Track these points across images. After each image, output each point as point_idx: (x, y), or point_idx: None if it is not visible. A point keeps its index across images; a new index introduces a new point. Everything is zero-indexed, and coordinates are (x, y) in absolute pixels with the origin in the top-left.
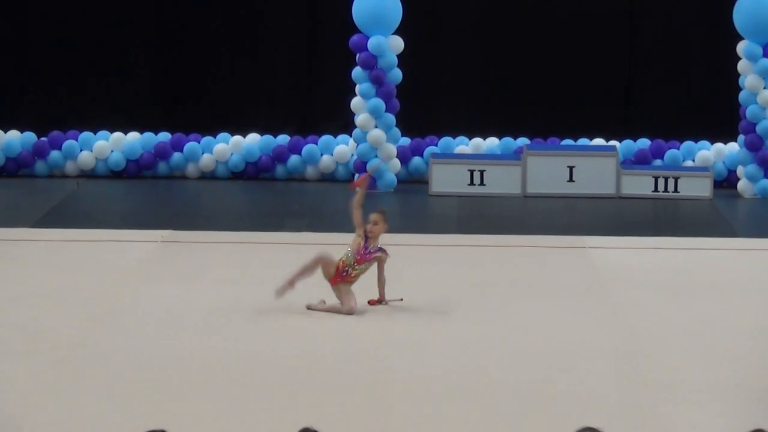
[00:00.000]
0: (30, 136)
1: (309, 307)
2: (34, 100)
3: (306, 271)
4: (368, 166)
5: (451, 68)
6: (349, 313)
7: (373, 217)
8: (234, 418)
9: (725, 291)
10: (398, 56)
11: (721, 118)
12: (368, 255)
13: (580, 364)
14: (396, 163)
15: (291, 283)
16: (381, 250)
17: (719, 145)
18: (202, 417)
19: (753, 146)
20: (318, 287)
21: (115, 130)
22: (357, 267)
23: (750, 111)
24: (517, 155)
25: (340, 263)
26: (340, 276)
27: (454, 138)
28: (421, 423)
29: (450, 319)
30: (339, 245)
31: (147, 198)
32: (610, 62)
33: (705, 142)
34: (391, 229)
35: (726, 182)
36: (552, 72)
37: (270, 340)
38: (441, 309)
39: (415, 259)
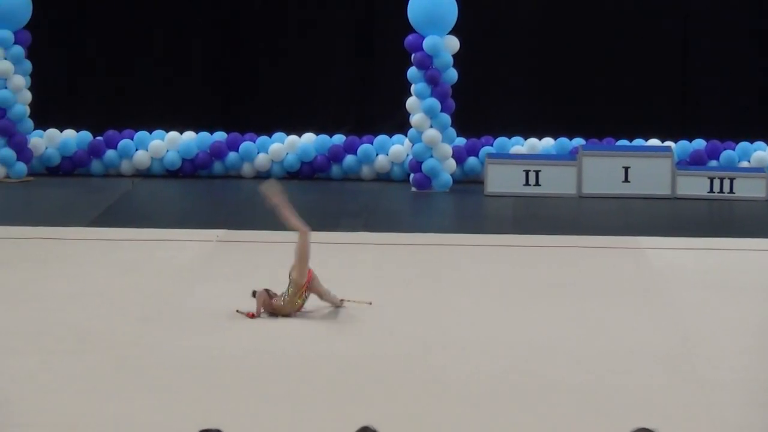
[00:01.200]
0: (86, 135)
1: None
2: (90, 100)
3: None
4: None
5: (507, 68)
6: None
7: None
8: (289, 417)
9: None
10: (454, 56)
11: None
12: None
13: (635, 365)
14: (452, 163)
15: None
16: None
17: None
18: (256, 416)
19: None
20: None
21: (171, 130)
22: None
23: None
24: (572, 155)
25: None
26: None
27: (509, 138)
28: (476, 424)
29: (504, 319)
30: (394, 245)
31: (202, 198)
32: (666, 62)
33: (761, 143)
34: (447, 229)
35: None
36: (608, 72)
37: (322, 340)
38: (495, 309)
39: (469, 259)
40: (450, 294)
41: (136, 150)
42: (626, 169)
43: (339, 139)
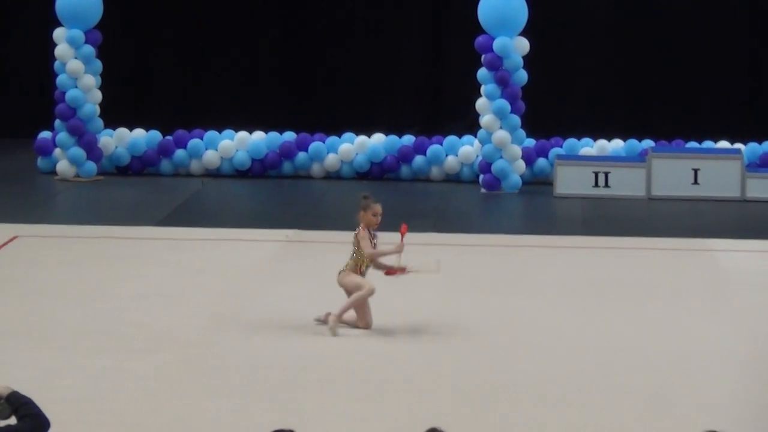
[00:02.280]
0: (155, 135)
1: (318, 320)
2: (160, 99)
3: (354, 303)
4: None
5: (577, 70)
6: (371, 291)
7: (377, 209)
8: (359, 417)
9: None
10: (524, 57)
11: None
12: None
13: (705, 368)
14: (521, 165)
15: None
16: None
17: None
18: (325, 416)
19: None
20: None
21: (241, 130)
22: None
23: None
24: (641, 157)
25: (358, 270)
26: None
27: (579, 139)
28: (549, 425)
29: (574, 321)
30: (463, 246)
31: (272, 197)
32: (735, 64)
33: None
34: (516, 230)
35: None
36: (677, 74)
37: (390, 341)
38: (565, 311)
39: (539, 260)
40: (519, 295)
41: (206, 150)
42: (696, 171)
43: (408, 139)
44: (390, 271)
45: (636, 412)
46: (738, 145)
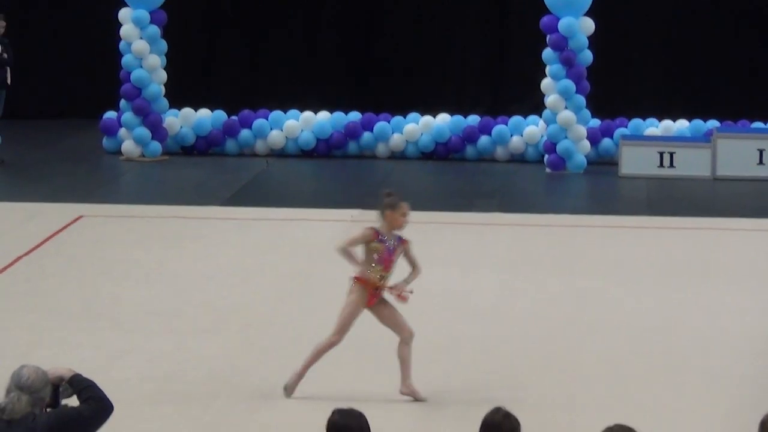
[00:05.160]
0: (220, 115)
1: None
2: (225, 79)
3: (318, 356)
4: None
5: (642, 50)
6: (410, 338)
7: (405, 207)
8: (427, 394)
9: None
10: (589, 38)
11: None
12: (393, 253)
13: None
14: (586, 145)
15: (300, 376)
16: (400, 239)
17: None
18: (391, 394)
19: None
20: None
21: (306, 110)
22: (386, 274)
23: None
24: (707, 137)
25: (370, 288)
26: (375, 296)
27: (644, 120)
28: (605, 403)
29: (638, 301)
30: (528, 226)
31: (337, 177)
32: None
33: None
34: (581, 210)
35: None
36: (743, 53)
37: (451, 321)
38: (629, 291)
39: (604, 240)
40: (583, 275)
41: (271, 130)
42: (761, 151)
43: (474, 119)
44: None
45: (698, 391)
46: None
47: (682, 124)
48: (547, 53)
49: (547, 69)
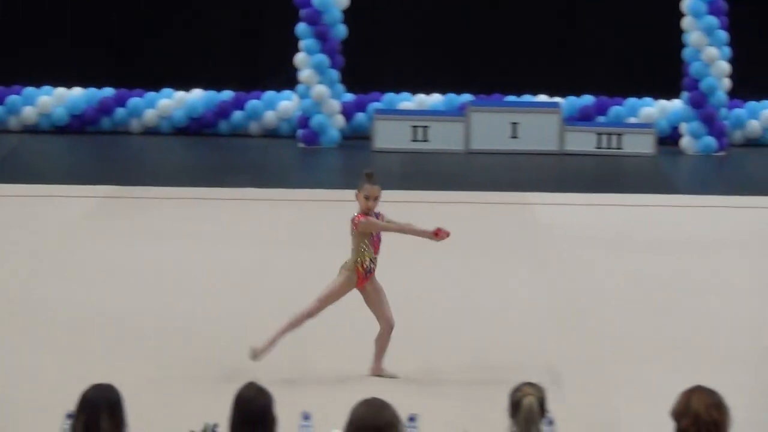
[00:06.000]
0: None
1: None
2: None
3: (295, 325)
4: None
5: (395, 24)
6: (389, 329)
7: (376, 191)
8: (166, 364)
9: (667, 247)
10: (343, 12)
11: (665, 74)
12: (379, 234)
13: (527, 321)
14: (340, 119)
15: (272, 343)
16: (377, 216)
17: (663, 102)
18: (143, 375)
19: (696, 103)
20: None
21: (59, 86)
22: (376, 257)
23: (694, 68)
24: (460, 111)
25: (359, 268)
26: (366, 276)
27: (397, 94)
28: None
29: (390, 275)
30: (282, 201)
31: (90, 154)
32: (554, 18)
33: (648, 99)
34: (335, 185)
35: (669, 139)
36: (496, 27)
37: (203, 297)
38: (382, 264)
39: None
40: (337, 249)
41: (24, 106)
42: (514, 125)
43: (227, 95)
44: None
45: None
46: (557, 99)
47: (436, 99)
48: (301, 28)
49: (301, 43)
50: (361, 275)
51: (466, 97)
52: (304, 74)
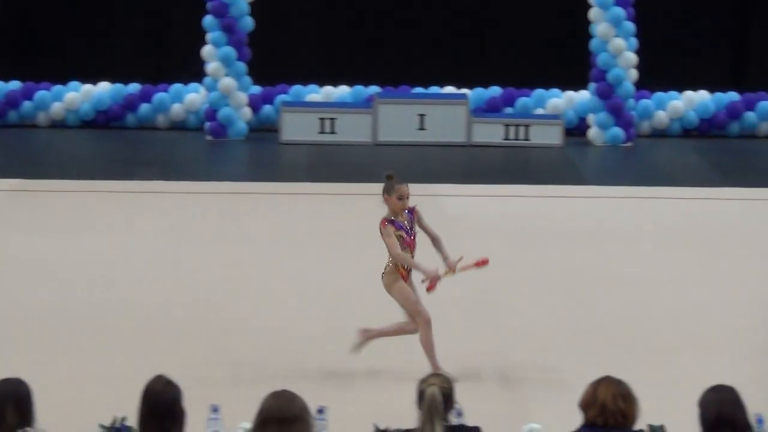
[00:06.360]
0: None
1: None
2: None
3: (395, 333)
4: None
5: (302, 16)
6: (428, 323)
7: (406, 189)
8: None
9: (575, 238)
10: (250, 4)
11: (573, 66)
12: (411, 233)
13: (434, 312)
14: (247, 112)
15: (371, 338)
16: (411, 212)
17: (570, 93)
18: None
19: (603, 94)
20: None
21: None
22: (413, 253)
23: (601, 59)
24: (367, 103)
25: (402, 269)
26: (408, 275)
27: (305, 86)
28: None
29: (300, 267)
30: (189, 194)
31: None
32: (459, 9)
33: (556, 90)
34: (242, 177)
35: (577, 130)
36: (403, 19)
37: (103, 288)
38: (291, 257)
39: (266, 207)
40: (245, 242)
41: None
42: (422, 116)
43: (134, 87)
44: (431, 283)
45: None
46: (464, 91)
47: (343, 91)
48: (208, 20)
49: (208, 36)
50: (403, 275)
51: (374, 89)
52: (212, 67)
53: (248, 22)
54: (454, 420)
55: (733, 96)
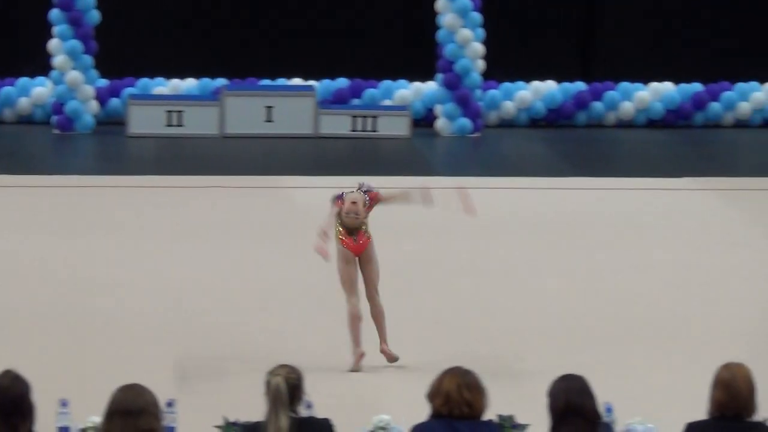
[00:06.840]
0: None
1: None
2: None
3: (353, 325)
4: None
5: (149, 9)
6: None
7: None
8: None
9: (423, 229)
10: None
11: (420, 56)
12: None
13: (282, 302)
14: (94, 105)
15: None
16: (370, 201)
17: (417, 84)
18: None
19: (451, 85)
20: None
21: None
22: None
23: (448, 49)
24: (215, 96)
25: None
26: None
27: (152, 79)
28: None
29: (151, 260)
30: (35, 188)
31: None
32: (309, 1)
33: (403, 81)
34: (90, 171)
35: (424, 121)
36: (250, 11)
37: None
38: (140, 251)
39: (113, 200)
40: (92, 235)
41: None
42: (269, 108)
43: None
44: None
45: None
46: (311, 82)
47: (190, 83)
48: (55, 13)
49: (54, 29)
50: (344, 242)
51: (221, 82)
52: (58, 60)
53: (95, 16)
54: (303, 412)
55: (580, 86)
